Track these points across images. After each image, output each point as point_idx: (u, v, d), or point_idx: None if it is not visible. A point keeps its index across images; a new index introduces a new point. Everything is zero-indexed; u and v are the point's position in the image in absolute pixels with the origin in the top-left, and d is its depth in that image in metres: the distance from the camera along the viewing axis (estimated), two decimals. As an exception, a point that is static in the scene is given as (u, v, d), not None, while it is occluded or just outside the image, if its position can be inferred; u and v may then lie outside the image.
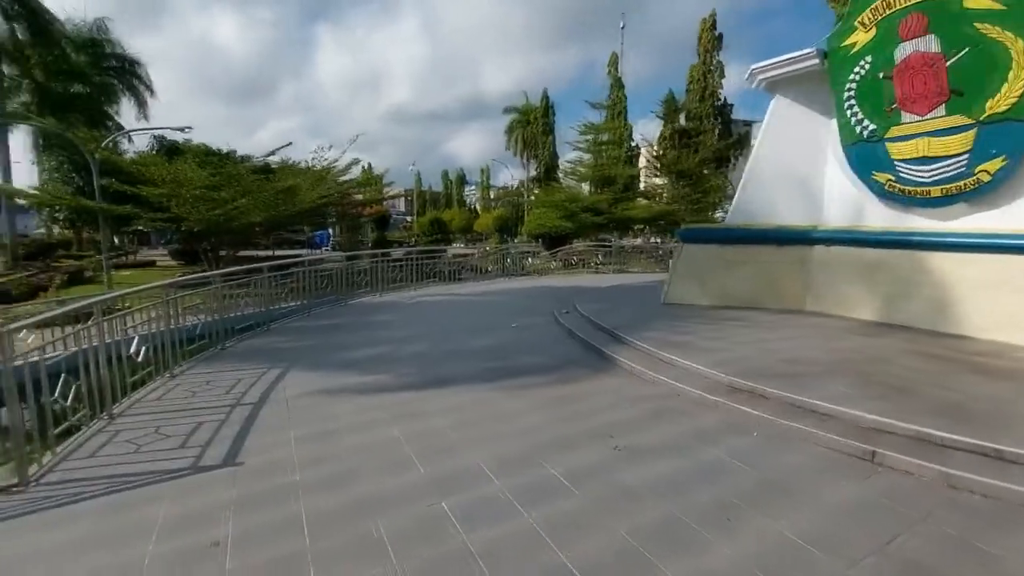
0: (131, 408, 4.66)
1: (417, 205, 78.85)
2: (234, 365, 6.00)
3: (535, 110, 49.52)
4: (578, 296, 9.90)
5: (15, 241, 28.15)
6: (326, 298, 10.37)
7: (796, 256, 7.87)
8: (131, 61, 35.23)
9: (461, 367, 5.66)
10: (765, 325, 6.77)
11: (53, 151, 27.43)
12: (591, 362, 5.74)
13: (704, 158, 27.72)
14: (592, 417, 4.15)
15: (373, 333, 7.63)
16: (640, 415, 4.18)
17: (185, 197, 13.90)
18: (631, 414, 4.20)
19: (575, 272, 19.21)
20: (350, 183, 19.38)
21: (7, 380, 3.24)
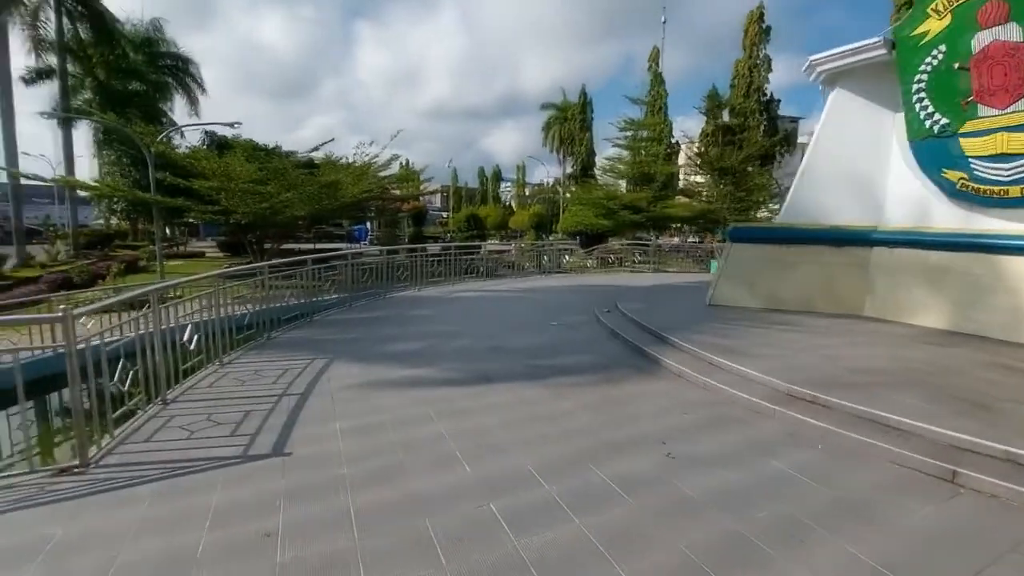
0: (184, 395, 4.77)
1: (453, 201, 79.55)
2: (280, 355, 6.10)
3: (573, 107, 49.08)
4: (618, 295, 9.70)
5: (76, 231, 29.83)
6: (367, 291, 10.50)
7: (854, 258, 7.46)
8: (184, 59, 36.74)
9: (504, 364, 5.58)
10: (821, 330, 6.43)
11: (112, 146, 28.86)
12: (637, 363, 5.57)
13: (749, 155, 26.78)
14: (641, 421, 4.00)
15: (414, 327, 7.66)
16: (693, 421, 4.00)
17: (234, 191, 14.35)
18: (683, 420, 4.03)
19: (612, 271, 18.92)
20: (390, 178, 19.59)
21: (72, 364, 3.35)
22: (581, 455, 3.44)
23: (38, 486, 3.17)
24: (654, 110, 36.59)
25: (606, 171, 29.41)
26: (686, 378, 4.93)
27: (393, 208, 24.79)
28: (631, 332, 6.57)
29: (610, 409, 4.26)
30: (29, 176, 16.81)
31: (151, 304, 4.54)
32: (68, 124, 29.35)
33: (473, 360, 5.77)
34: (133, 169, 27.18)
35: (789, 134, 37.78)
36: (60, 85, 27.45)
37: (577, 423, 3.97)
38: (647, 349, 5.73)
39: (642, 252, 20.84)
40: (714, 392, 4.57)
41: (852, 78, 7.62)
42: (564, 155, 52.58)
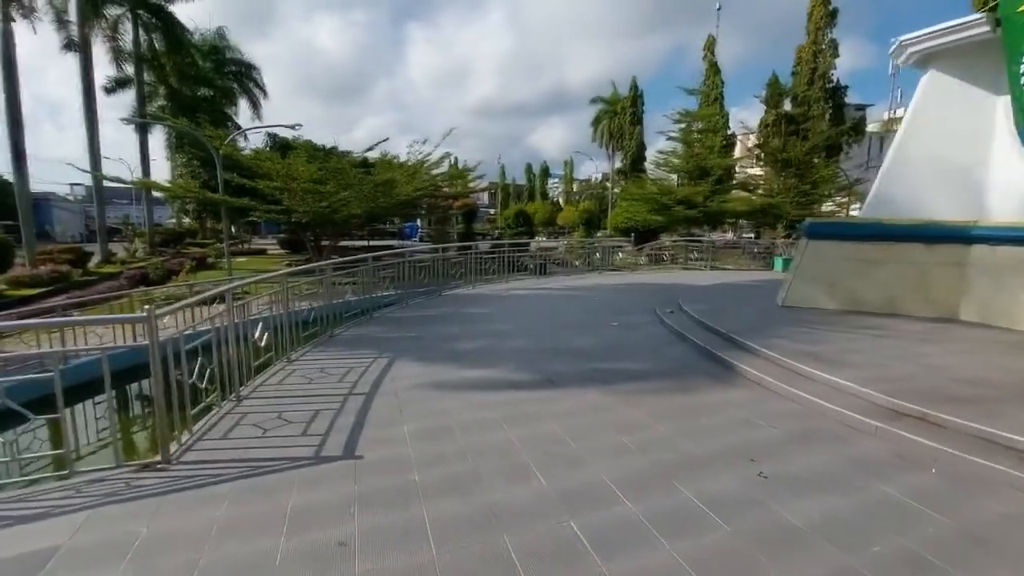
0: (255, 391, 4.87)
1: (500, 198, 79.81)
2: (344, 352, 6.17)
3: (623, 100, 48.03)
4: (678, 294, 9.31)
5: (152, 230, 31.89)
6: (422, 289, 10.57)
7: (950, 257, 6.79)
8: (248, 65, 38.53)
9: (568, 367, 5.40)
10: (915, 336, 5.88)
11: (184, 149, 30.61)
12: (710, 369, 5.25)
13: (814, 146, 25.28)
14: (724, 434, 3.73)
15: (472, 326, 7.60)
16: (782, 436, 3.69)
17: (295, 190, 14.84)
18: (770, 434, 3.72)
19: (666, 268, 18.31)
20: (442, 176, 19.76)
21: (155, 362, 3.43)
22: (662, 470, 3.22)
23: (124, 481, 3.27)
24: (709, 100, 35.21)
25: (659, 165, 28.50)
26: (766, 387, 4.59)
27: (445, 206, 25.00)
28: (699, 335, 6.23)
29: (686, 419, 4.00)
30: (110, 178, 18.04)
31: (226, 302, 4.64)
32: (144, 129, 31.39)
33: (535, 361, 5.62)
34: (202, 171, 28.73)
35: (857, 123, 35.44)
36: (137, 93, 29.37)
37: (653, 434, 3.74)
38: (720, 354, 5.40)
39: (697, 249, 20.08)
40: (801, 403, 4.22)
41: (949, 59, 6.92)
42: (613, 150, 51.64)
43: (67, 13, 23.50)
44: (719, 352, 5.46)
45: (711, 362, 5.45)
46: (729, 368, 5.16)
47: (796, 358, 4.88)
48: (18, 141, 19.52)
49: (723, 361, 5.28)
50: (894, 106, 53.24)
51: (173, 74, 32.44)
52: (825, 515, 2.72)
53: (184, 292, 14.43)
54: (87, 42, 25.09)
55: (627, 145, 46.54)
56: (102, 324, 5.47)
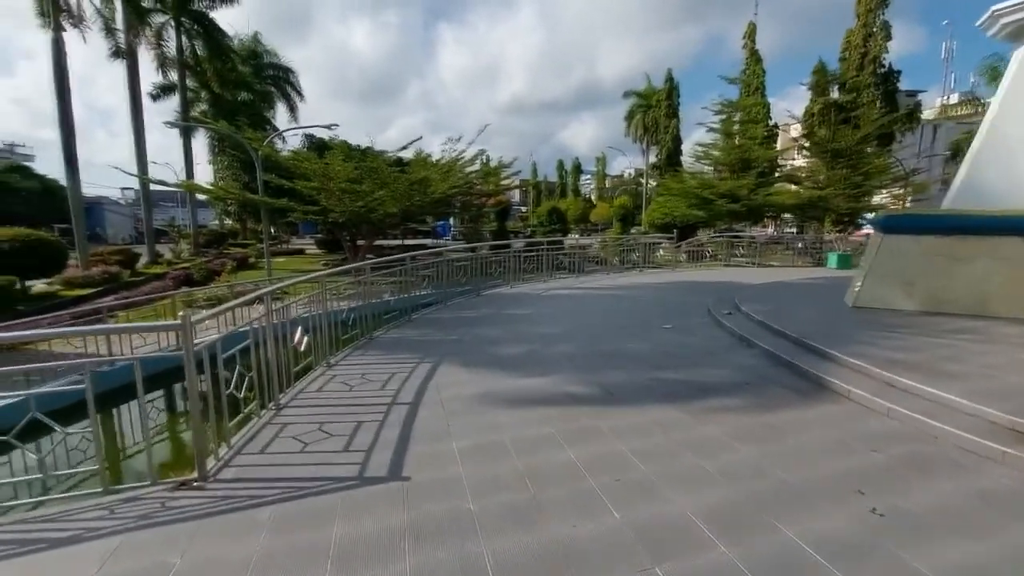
0: (295, 399, 4.64)
1: (532, 195, 79.29)
2: (384, 357, 5.91)
3: (658, 92, 46.91)
4: (730, 294, 8.74)
5: (196, 231, 32.84)
6: (460, 288, 10.29)
7: (1053, 251, 6.03)
8: (285, 69, 39.34)
9: (624, 375, 4.98)
10: (1019, 341, 5.19)
11: (225, 152, 31.39)
12: (787, 380, 4.73)
13: (866, 134, 23.82)
14: (818, 459, 3.24)
15: (516, 328, 7.24)
16: (889, 463, 3.18)
17: (332, 190, 14.82)
18: (874, 460, 3.22)
19: (708, 266, 17.53)
20: (476, 173, 19.49)
21: (190, 372, 3.20)
22: (754, 503, 2.78)
23: (160, 501, 3.04)
24: (750, 90, 33.88)
25: (699, 158, 27.46)
26: (857, 401, 4.06)
27: (479, 204, 24.75)
28: (767, 339, 5.70)
29: (771, 440, 3.53)
30: (155, 181, 18.49)
31: (265, 306, 4.42)
32: (188, 133, 32.33)
33: (587, 369, 5.21)
34: (243, 173, 29.37)
35: (913, 110, 33.47)
36: (180, 98, 30.23)
37: (736, 457, 3.29)
38: (796, 362, 4.87)
39: (743, 245, 19.19)
40: (902, 422, 3.68)
41: (1050, 28, 6.15)
42: (647, 144, 50.55)
43: (114, 21, 24.28)
44: (795, 360, 4.93)
45: (787, 371, 4.93)
46: (809, 378, 4.63)
47: (887, 367, 4.32)
48: (70, 146, 20.26)
49: (801, 370, 4.75)
50: (947, 92, 50.43)
51: (214, 79, 33.29)
52: (967, 566, 2.24)
53: (225, 293, 14.64)
54: (133, 50, 25.94)
55: (662, 139, 45.42)
56: (135, 332, 5.43)
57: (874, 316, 6.46)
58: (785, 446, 3.42)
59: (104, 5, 23.36)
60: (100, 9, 23.18)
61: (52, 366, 4.78)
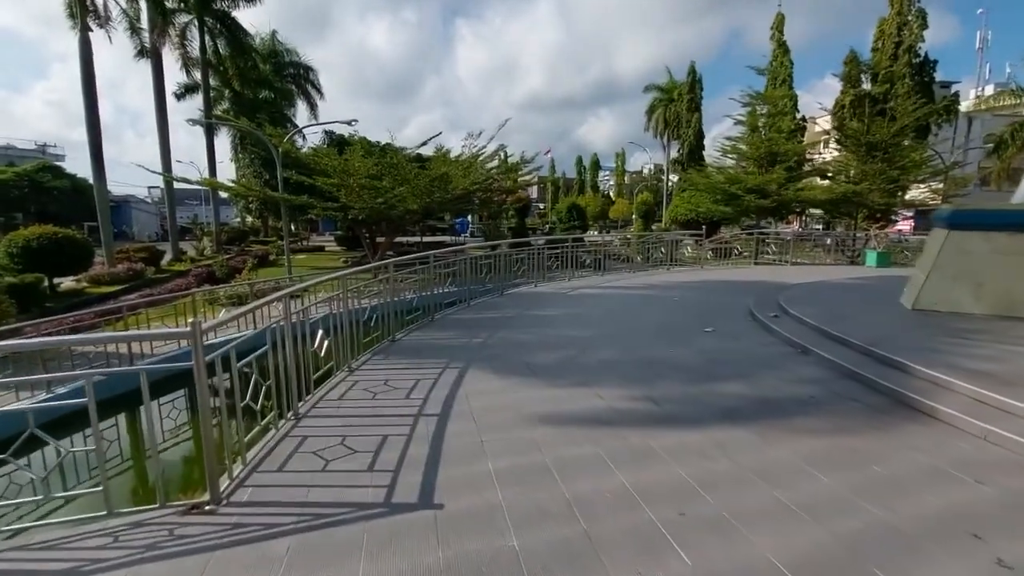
0: (315, 407, 4.33)
1: (551, 192, 78.66)
2: (408, 361, 5.57)
3: (679, 86, 46.05)
4: (770, 294, 8.23)
5: (219, 228, 33.13)
6: (483, 287, 9.94)
7: None
8: (305, 67, 39.46)
9: (672, 386, 4.55)
10: (1119, 351, 4.63)
11: (247, 150, 31.58)
12: (859, 394, 4.23)
13: (903, 127, 22.77)
14: (918, 493, 2.79)
15: (545, 331, 6.84)
16: (1002, 498, 2.71)
17: (352, 186, 14.58)
18: (985, 495, 2.75)
19: (737, 264, 16.89)
20: (498, 169, 19.10)
21: (201, 383, 2.88)
22: (849, 547, 2.34)
23: (168, 528, 2.73)
24: (777, 82, 32.90)
25: (726, 152, 26.63)
26: (947, 422, 3.57)
27: (499, 200, 24.37)
28: (825, 346, 5.21)
29: (855, 467, 3.08)
30: (178, 179, 18.51)
31: (283, 309, 4.10)
32: (211, 131, 32.63)
33: (630, 378, 4.79)
34: (264, 170, 29.46)
35: (951, 101, 32.13)
36: (204, 97, 30.44)
37: (817, 488, 2.85)
38: (866, 374, 4.38)
39: (773, 243, 18.49)
40: (1008, 447, 3.19)
41: None
42: (669, 139, 49.65)
43: (139, 21, 24.45)
44: (862, 371, 4.45)
45: (855, 384, 4.43)
46: (884, 393, 4.14)
47: (973, 381, 3.83)
48: (97, 145, 20.44)
49: (873, 383, 4.27)
50: (982, 82, 48.39)
51: (236, 78, 33.51)
52: None
53: (245, 291, 14.53)
54: (157, 49, 26.14)
55: (684, 134, 44.54)
56: (138, 340, 5.19)
57: (940, 320, 5.91)
58: (872, 475, 2.96)
59: (129, 5, 23.53)
60: (125, 9, 23.35)
61: (41, 379, 4.56)
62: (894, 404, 3.95)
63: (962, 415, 3.49)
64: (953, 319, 5.92)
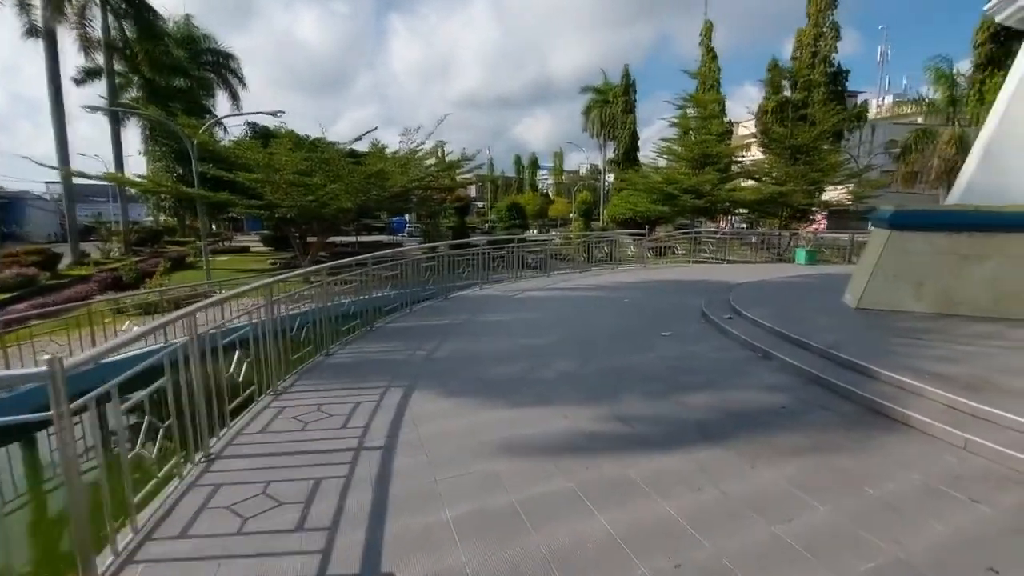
0: (231, 445, 3.63)
1: (490, 190, 78.33)
2: (345, 382, 4.92)
3: (614, 88, 47.14)
4: (717, 294, 8.23)
5: (127, 228, 30.09)
6: (426, 291, 9.34)
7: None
8: (225, 55, 36.73)
9: (640, 400, 4.22)
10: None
11: (159, 142, 28.90)
12: (827, 402, 4.06)
13: (823, 131, 24.27)
14: (918, 519, 2.56)
15: (496, 340, 6.37)
16: (1005, 520, 2.54)
17: (279, 183, 13.41)
18: (985, 516, 2.57)
19: (677, 263, 17.23)
20: (437, 166, 18.39)
21: (64, 443, 2.18)
22: (870, 598, 2.05)
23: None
24: (706, 87, 34.29)
25: (662, 152, 27.34)
26: (923, 430, 3.45)
27: (438, 199, 23.66)
28: (785, 350, 5.09)
29: (847, 490, 2.84)
30: (75, 173, 16.41)
31: (188, 329, 3.38)
32: (117, 121, 29.59)
33: (594, 393, 4.42)
34: (178, 164, 27.05)
35: (862, 109, 34.74)
36: (108, 83, 27.53)
37: (815, 519, 2.57)
38: (832, 379, 4.25)
39: (710, 242, 19.08)
40: (992, 459, 3.07)
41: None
42: (605, 139, 50.65)
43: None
44: (827, 376, 4.32)
45: (823, 391, 4.28)
46: (854, 400, 4.00)
47: (940, 385, 3.76)
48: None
49: (841, 390, 4.13)
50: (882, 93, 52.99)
51: (145, 63, 30.47)
52: None
53: (155, 299, 13.05)
54: (51, 29, 23.23)
55: (619, 135, 45.63)
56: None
57: (886, 320, 6.01)
58: (868, 500, 2.73)
59: (15, -25, 20.71)
60: (10, -21, 20.53)
61: None
62: (866, 412, 3.81)
63: (937, 423, 3.37)
64: (898, 318, 6.04)
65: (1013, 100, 6.07)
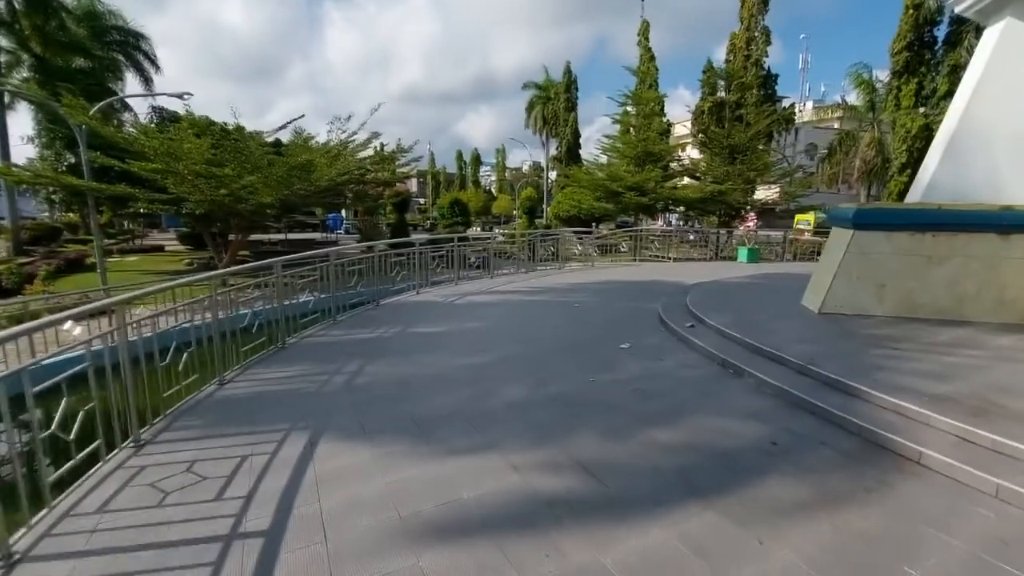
0: (50, 538, 2.54)
1: (431, 186, 76.51)
2: (235, 424, 3.84)
3: (556, 85, 47.07)
4: (674, 298, 7.71)
5: (16, 225, 26.43)
6: (353, 296, 8.26)
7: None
8: (134, 35, 33.32)
9: (603, 442, 3.43)
10: None
11: (47, 127, 25.62)
12: (821, 433, 3.43)
13: (757, 132, 24.93)
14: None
15: (433, 358, 5.44)
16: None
17: (183, 174, 11.72)
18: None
19: (623, 262, 16.91)
20: (371, 159, 17.06)
21: None
22: None
23: None
24: (645, 86, 34.67)
25: (606, 149, 27.22)
26: (942, 472, 2.88)
27: (375, 194, 22.27)
28: (758, 365, 4.51)
29: (878, 567, 2.18)
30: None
31: None
32: (1, 105, 25.98)
33: (549, 432, 3.58)
34: (69, 152, 24.00)
35: (791, 112, 36.30)
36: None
37: (861, 632, 1.88)
38: (819, 403, 3.67)
39: (656, 240, 18.97)
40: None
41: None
42: (548, 136, 50.55)
43: None
44: (814, 399, 3.74)
45: (814, 419, 3.65)
46: (853, 432, 3.41)
47: (942, 410, 3.25)
48: None
49: (833, 418, 3.54)
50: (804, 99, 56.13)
51: (36, 39, 26.89)
52: None
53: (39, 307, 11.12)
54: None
55: (562, 132, 45.59)
56: None
57: (851, 325, 5.62)
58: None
59: None
60: None
61: None
62: (869, 447, 3.23)
63: (957, 463, 2.82)
64: (864, 323, 5.67)
65: (975, 97, 5.84)
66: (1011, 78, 5.62)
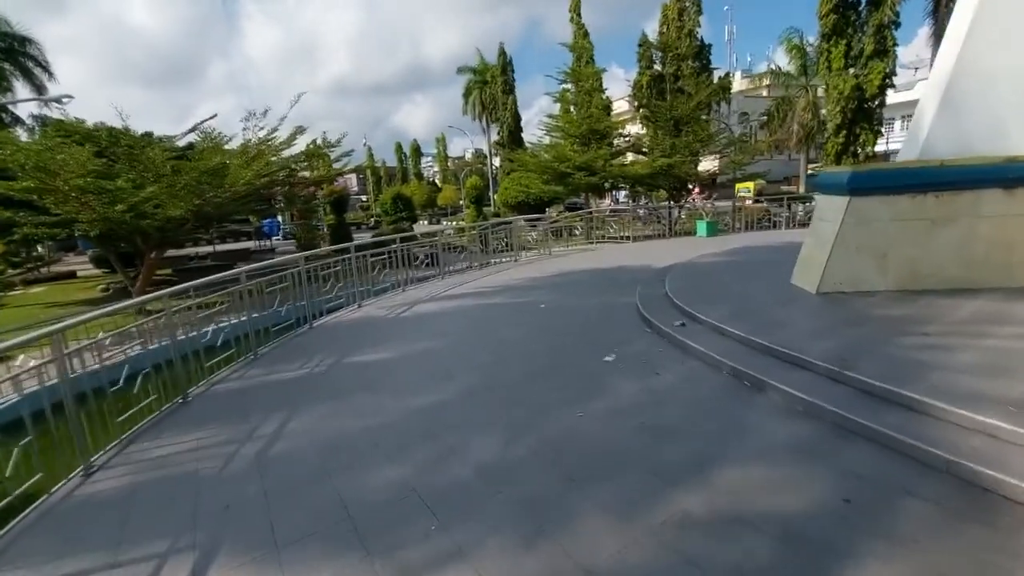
0: None
1: (372, 182, 73.58)
2: (88, 550, 2.63)
3: (492, 68, 45.89)
4: (648, 287, 6.90)
5: None
6: (278, 319, 6.99)
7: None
8: (21, 39, 29.75)
9: (617, 523, 2.45)
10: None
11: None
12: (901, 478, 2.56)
13: (699, 102, 24.68)
14: None
15: (376, 400, 4.31)
16: None
17: (63, 190, 9.85)
18: None
19: (574, 244, 16.13)
20: (295, 157, 15.39)
21: None
22: None
23: None
24: (582, 63, 33.99)
25: (549, 130, 26.34)
26: None
27: (306, 195, 20.48)
28: (777, 374, 3.68)
29: None
30: None
31: None
32: None
33: (541, 524, 2.55)
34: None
35: (727, 82, 36.57)
36: None
37: None
38: (890, 432, 2.83)
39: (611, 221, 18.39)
40: None
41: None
42: (488, 122, 49.38)
43: None
44: (866, 421, 2.92)
45: (877, 450, 2.79)
46: (938, 468, 2.58)
47: None
48: None
49: (907, 449, 2.71)
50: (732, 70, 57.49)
51: None
52: None
53: None
54: None
55: (502, 116, 44.58)
56: None
57: (858, 306, 4.93)
58: None
59: None
60: None
61: None
62: (969, 493, 2.40)
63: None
64: (871, 303, 5.00)
65: (971, 34, 5.20)
66: (1001, 24, 5.00)
